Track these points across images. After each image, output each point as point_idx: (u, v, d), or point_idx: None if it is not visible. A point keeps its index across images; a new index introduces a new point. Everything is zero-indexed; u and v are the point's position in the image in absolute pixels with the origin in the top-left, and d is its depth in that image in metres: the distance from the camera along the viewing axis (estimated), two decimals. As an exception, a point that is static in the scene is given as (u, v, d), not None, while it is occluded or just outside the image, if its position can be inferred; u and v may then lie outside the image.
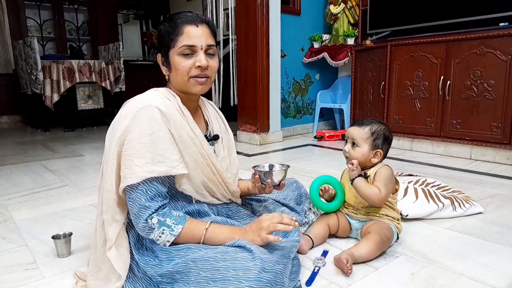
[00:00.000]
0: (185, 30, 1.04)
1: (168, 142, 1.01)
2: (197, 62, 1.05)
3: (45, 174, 2.47)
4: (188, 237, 1.02)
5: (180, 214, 1.03)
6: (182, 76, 1.06)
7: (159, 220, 0.99)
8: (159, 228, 0.99)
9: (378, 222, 1.31)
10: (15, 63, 5.00)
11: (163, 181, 1.02)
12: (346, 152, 1.35)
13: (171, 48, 1.06)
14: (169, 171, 1.00)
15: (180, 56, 1.05)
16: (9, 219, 1.69)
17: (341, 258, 1.14)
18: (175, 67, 1.06)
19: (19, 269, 1.24)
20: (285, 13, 3.58)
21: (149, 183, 0.99)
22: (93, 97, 4.66)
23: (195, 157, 1.09)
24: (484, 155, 2.61)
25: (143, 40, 6.76)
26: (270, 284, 0.88)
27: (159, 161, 0.99)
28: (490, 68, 2.48)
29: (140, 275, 1.01)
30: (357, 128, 1.33)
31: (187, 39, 1.04)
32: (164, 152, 1.00)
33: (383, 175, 1.28)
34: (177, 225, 1.00)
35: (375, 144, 1.31)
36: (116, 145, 1.00)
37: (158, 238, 1.00)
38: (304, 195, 1.46)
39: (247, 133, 3.56)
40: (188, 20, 1.05)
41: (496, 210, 1.70)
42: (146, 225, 0.98)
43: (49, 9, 5.74)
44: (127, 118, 1.01)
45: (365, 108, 3.41)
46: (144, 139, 0.98)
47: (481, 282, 1.11)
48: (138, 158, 0.97)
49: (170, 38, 1.05)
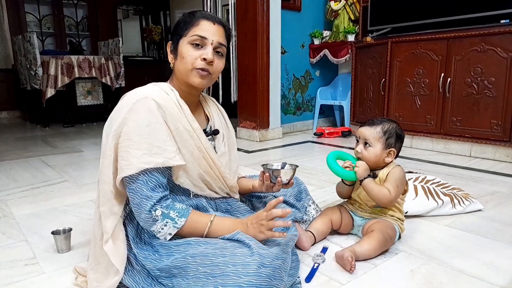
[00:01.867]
0: (201, 22, 1.07)
1: (165, 133, 1.02)
2: (204, 55, 1.06)
3: (44, 170, 2.46)
4: (190, 230, 1.02)
5: (183, 206, 1.04)
6: (185, 65, 1.07)
7: (163, 213, 0.99)
8: (163, 220, 0.99)
9: (381, 221, 1.30)
10: (15, 59, 4.99)
11: (162, 172, 1.03)
12: (358, 152, 1.33)
13: (183, 37, 1.07)
14: (166, 162, 1.00)
15: (189, 45, 1.06)
16: (9, 215, 1.69)
17: (345, 256, 1.14)
18: (181, 55, 1.07)
19: (19, 265, 1.24)
20: (286, 9, 3.57)
21: (149, 174, 0.99)
22: (92, 92, 4.65)
23: (191, 150, 1.08)
24: (484, 152, 2.61)
25: (142, 36, 6.73)
26: (269, 279, 0.88)
27: (156, 152, 0.99)
28: (490, 66, 2.48)
29: (139, 268, 1.01)
30: (368, 128, 1.31)
31: (201, 30, 1.07)
32: (161, 144, 1.00)
33: (395, 176, 1.28)
34: (181, 218, 1.00)
35: (388, 143, 1.30)
36: (113, 137, 1.01)
37: (160, 230, 1.00)
38: (304, 191, 1.46)
39: (247, 130, 3.56)
40: (207, 16, 1.09)
41: (495, 207, 1.70)
42: (149, 216, 0.98)
43: (49, 5, 5.73)
44: (124, 110, 1.01)
45: (365, 105, 3.40)
46: (141, 131, 0.99)
47: (481, 279, 1.11)
48: (135, 150, 0.98)
49: (185, 27, 1.08)
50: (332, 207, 1.44)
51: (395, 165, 1.32)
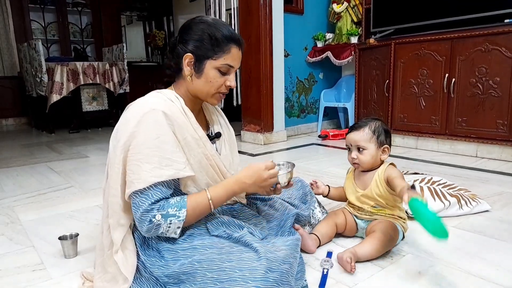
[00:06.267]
0: (233, 50, 1.07)
1: (174, 145, 1.01)
2: (228, 82, 1.10)
3: (51, 176, 2.48)
4: (195, 216, 1.03)
5: (177, 198, 1.01)
6: (210, 89, 1.09)
7: (162, 215, 0.97)
8: (166, 221, 0.97)
9: (383, 221, 1.30)
10: (20, 66, 5.03)
11: (168, 184, 1.02)
12: (354, 159, 1.32)
13: (211, 59, 1.06)
14: (176, 174, 1.00)
15: (216, 71, 1.07)
16: (16, 221, 1.70)
17: (344, 257, 1.14)
18: (207, 78, 1.07)
19: (26, 270, 1.24)
20: (288, 12, 3.58)
21: (154, 188, 0.98)
22: (97, 98, 4.68)
23: (199, 159, 1.08)
24: (490, 152, 2.59)
25: (146, 41, 6.77)
26: (276, 284, 0.88)
27: (167, 164, 0.98)
28: (495, 65, 2.46)
29: (147, 276, 1.01)
30: (357, 133, 1.32)
31: (231, 60, 1.08)
32: (170, 155, 0.99)
33: (396, 173, 1.27)
34: (180, 210, 0.99)
35: (380, 141, 1.31)
36: (121, 150, 1.00)
37: (168, 229, 0.99)
38: (309, 193, 1.45)
39: (251, 133, 3.56)
40: (236, 40, 1.08)
41: (503, 208, 1.68)
42: (151, 225, 0.97)
43: (53, 12, 5.78)
44: (132, 123, 1.00)
45: (370, 106, 3.39)
46: (150, 144, 0.98)
47: (489, 280, 1.10)
48: (145, 163, 0.97)
49: (215, 50, 1.06)
50: (337, 211, 1.43)
51: (387, 164, 1.32)
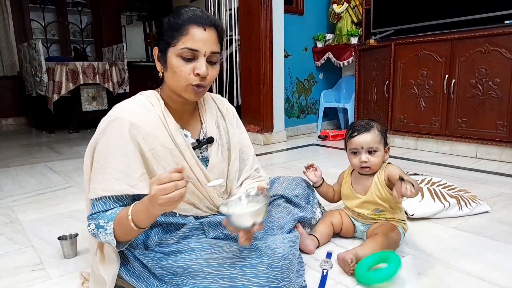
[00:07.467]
0: (191, 31, 0.95)
1: (133, 157, 0.95)
2: (197, 69, 0.96)
3: (50, 176, 2.48)
4: (123, 230, 0.91)
5: (113, 210, 0.95)
6: (179, 81, 0.98)
7: (96, 225, 0.94)
8: (98, 231, 0.93)
9: (384, 224, 1.29)
10: (20, 66, 5.03)
11: (118, 197, 0.96)
12: (366, 162, 1.28)
13: (171, 46, 0.96)
14: (126, 190, 0.94)
15: (179, 58, 0.96)
16: (15, 221, 1.69)
17: (345, 258, 1.14)
18: (172, 68, 0.97)
19: (26, 270, 1.24)
20: (288, 13, 3.58)
21: (101, 200, 0.96)
22: (97, 98, 4.68)
23: (170, 170, 0.87)
24: (489, 153, 2.59)
25: (146, 41, 6.77)
26: (277, 280, 0.88)
27: (119, 178, 0.94)
28: (495, 66, 2.46)
29: (140, 269, 1.00)
30: (367, 134, 1.28)
31: (191, 41, 0.94)
32: (125, 169, 0.94)
33: (395, 169, 1.27)
34: (108, 223, 0.92)
35: (386, 141, 1.31)
36: (88, 155, 0.99)
37: (104, 239, 0.94)
38: (311, 194, 1.44)
39: (251, 133, 3.56)
40: (197, 20, 0.95)
41: (502, 209, 1.68)
42: (91, 231, 0.95)
43: (53, 12, 5.78)
44: (98, 130, 0.99)
45: (369, 107, 3.40)
46: (107, 154, 0.95)
47: (489, 281, 1.10)
48: (99, 174, 0.95)
49: (173, 35, 0.95)
50: (333, 211, 1.43)
51: (386, 164, 1.32)
